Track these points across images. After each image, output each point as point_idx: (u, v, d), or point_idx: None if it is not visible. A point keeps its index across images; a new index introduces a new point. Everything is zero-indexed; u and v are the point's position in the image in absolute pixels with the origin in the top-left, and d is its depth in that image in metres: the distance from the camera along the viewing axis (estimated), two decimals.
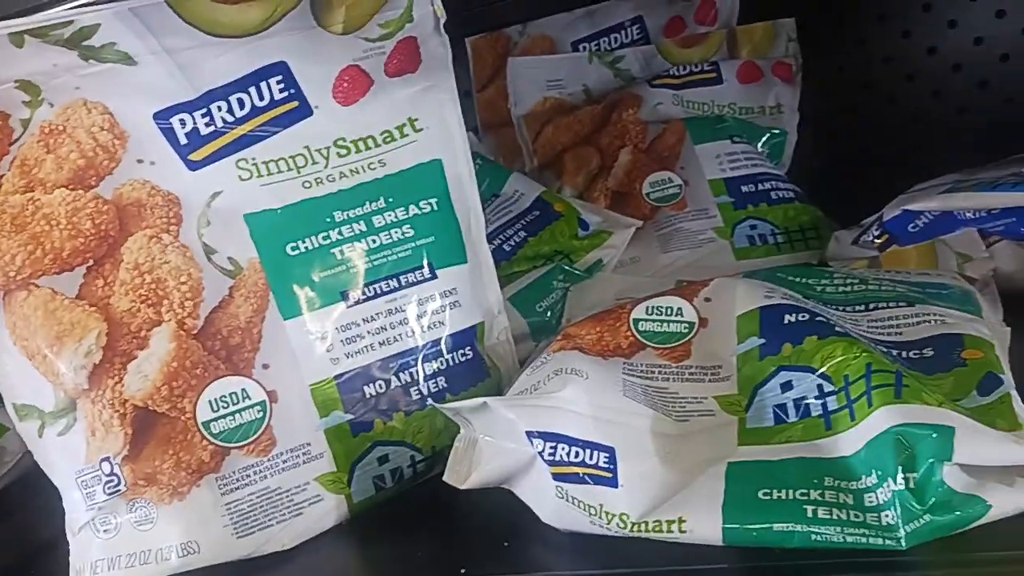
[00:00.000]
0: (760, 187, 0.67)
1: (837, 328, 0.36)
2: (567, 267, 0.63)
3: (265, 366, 0.40)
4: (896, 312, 0.39)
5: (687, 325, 0.41)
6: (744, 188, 0.66)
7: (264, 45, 0.41)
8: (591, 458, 0.34)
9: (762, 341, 0.38)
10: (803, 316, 0.38)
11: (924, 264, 0.54)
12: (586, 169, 0.72)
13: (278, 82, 0.42)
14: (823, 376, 0.35)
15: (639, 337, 0.41)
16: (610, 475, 0.34)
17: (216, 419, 0.39)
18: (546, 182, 0.74)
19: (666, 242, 0.65)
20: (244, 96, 0.41)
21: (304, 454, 0.41)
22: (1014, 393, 0.32)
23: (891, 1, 0.78)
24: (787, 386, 0.36)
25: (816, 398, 0.34)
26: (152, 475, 0.38)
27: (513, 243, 0.64)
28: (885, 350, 0.36)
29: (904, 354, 0.36)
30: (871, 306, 0.40)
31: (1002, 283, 0.51)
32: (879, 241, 0.55)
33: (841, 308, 0.41)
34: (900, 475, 0.30)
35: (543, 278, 0.61)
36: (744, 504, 0.33)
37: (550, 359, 0.39)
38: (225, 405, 0.39)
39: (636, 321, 0.42)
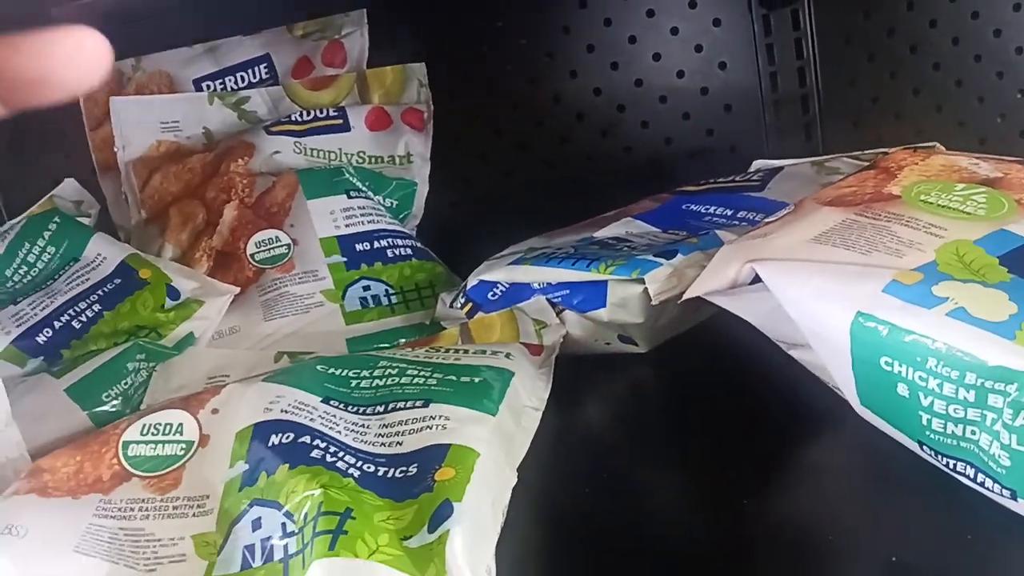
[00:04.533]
0: (376, 245, 0.64)
1: (313, 453, 0.33)
2: (149, 344, 0.56)
3: None
4: (408, 415, 0.37)
5: (184, 446, 0.36)
6: (359, 246, 0.63)
7: None
8: None
9: (246, 467, 0.34)
10: (287, 437, 0.34)
11: (507, 330, 0.53)
12: (191, 225, 0.65)
13: None
14: (287, 514, 0.31)
15: (126, 465, 0.35)
16: None
17: None
18: (151, 238, 0.66)
19: (270, 309, 0.60)
20: None
21: None
22: (455, 529, 0.30)
23: (522, 51, 0.79)
24: (257, 524, 0.32)
25: (280, 538, 0.31)
26: None
27: (86, 318, 0.56)
28: (373, 469, 0.34)
29: (392, 473, 0.34)
30: (390, 407, 0.38)
31: (573, 347, 0.52)
32: (465, 309, 0.54)
33: (362, 411, 0.38)
34: None
35: (115, 360, 0.53)
36: None
37: None
38: None
39: (126, 444, 0.36)
